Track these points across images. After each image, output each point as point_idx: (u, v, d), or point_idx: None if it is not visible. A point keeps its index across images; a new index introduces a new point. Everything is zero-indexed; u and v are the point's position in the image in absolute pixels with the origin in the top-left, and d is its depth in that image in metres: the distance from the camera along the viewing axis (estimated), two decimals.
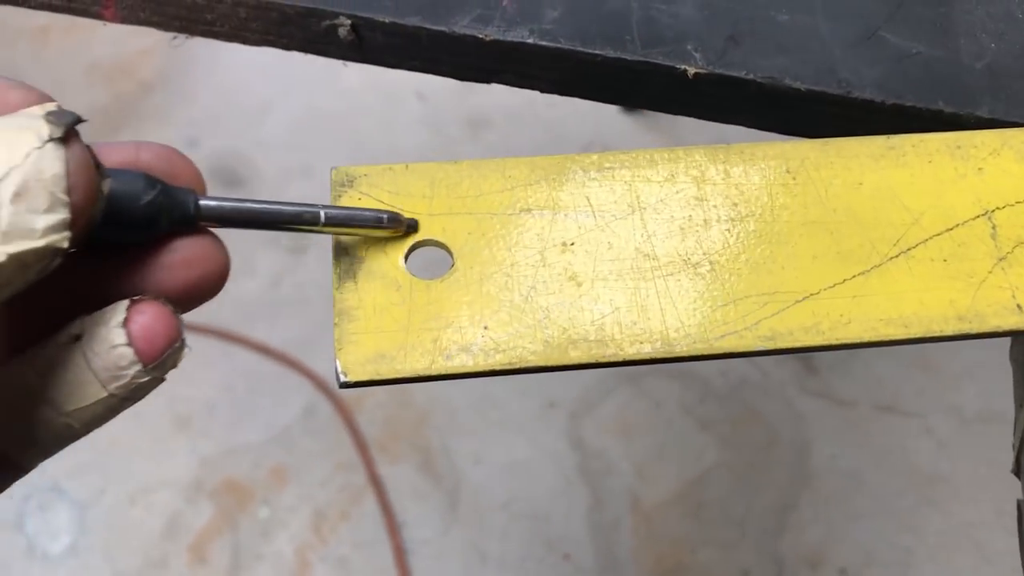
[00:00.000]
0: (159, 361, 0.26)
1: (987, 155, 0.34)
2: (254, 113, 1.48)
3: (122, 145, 0.28)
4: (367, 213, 0.30)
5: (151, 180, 0.26)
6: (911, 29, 0.37)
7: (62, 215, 0.22)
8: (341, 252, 0.31)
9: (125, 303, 0.26)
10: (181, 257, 0.27)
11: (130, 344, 0.25)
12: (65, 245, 0.23)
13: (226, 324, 1.30)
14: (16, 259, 0.22)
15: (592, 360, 0.29)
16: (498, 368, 0.29)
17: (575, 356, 0.29)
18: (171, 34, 0.37)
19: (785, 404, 1.26)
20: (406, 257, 0.31)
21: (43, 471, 1.01)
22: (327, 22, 0.36)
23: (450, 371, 0.29)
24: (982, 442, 1.26)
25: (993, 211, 0.33)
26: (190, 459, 1.23)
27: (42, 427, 0.26)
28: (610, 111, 1.40)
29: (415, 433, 1.25)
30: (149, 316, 0.26)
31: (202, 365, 1.28)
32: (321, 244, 1.36)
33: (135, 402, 0.26)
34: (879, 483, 1.23)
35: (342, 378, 0.28)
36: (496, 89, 0.38)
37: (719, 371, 1.26)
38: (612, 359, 0.29)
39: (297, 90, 1.49)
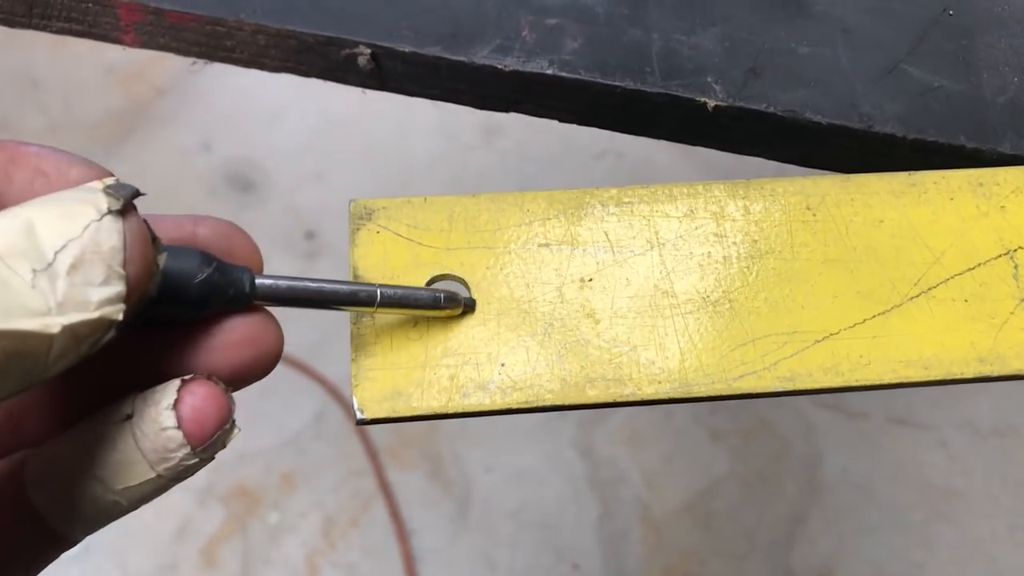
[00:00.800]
0: (208, 443, 0.26)
1: (1010, 192, 0.34)
2: (268, 118, 1.48)
3: (179, 218, 0.28)
4: (423, 293, 0.30)
5: (207, 257, 0.26)
6: (933, 62, 0.37)
7: (117, 288, 0.22)
8: None
9: (176, 384, 0.25)
10: (235, 337, 0.27)
11: (179, 427, 0.25)
12: (120, 318, 0.22)
13: None
14: (70, 331, 0.21)
15: (610, 400, 0.29)
16: (515, 407, 0.29)
17: (592, 395, 0.29)
18: (191, 59, 0.37)
19: (797, 415, 1.26)
20: None
21: None
22: (347, 51, 0.36)
23: (467, 409, 0.29)
24: (996, 457, 1.25)
25: (1016, 250, 0.33)
26: None
27: (89, 502, 0.25)
28: None
29: (425, 440, 1.25)
30: (200, 398, 0.25)
31: None
32: (334, 250, 1.37)
33: (183, 480, 0.26)
34: (891, 496, 1.23)
35: (359, 415, 0.28)
36: None
37: None
38: (630, 399, 0.29)
39: (311, 96, 1.49)
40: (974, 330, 0.31)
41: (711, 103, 0.35)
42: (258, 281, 0.27)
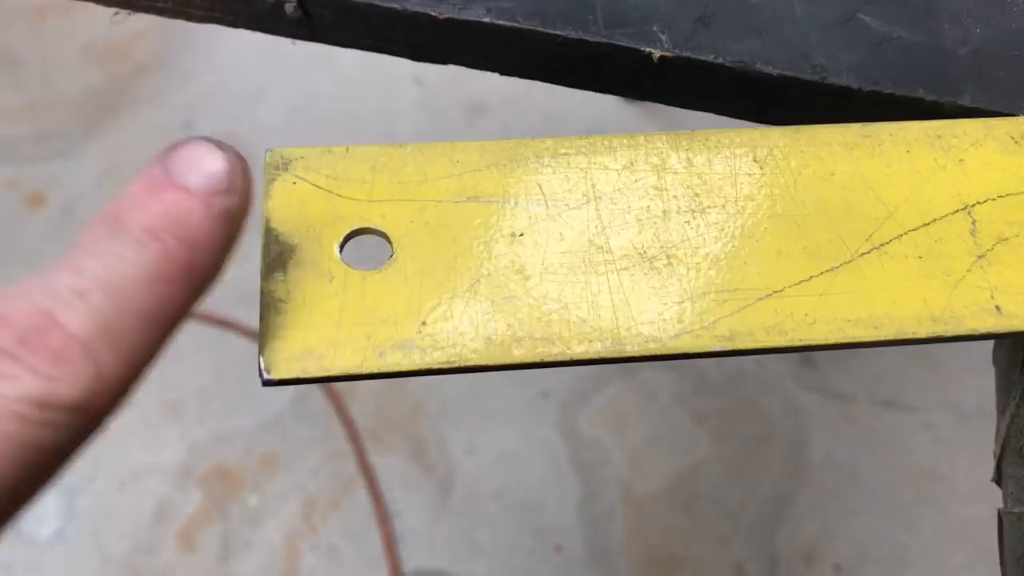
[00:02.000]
0: None
1: (969, 146, 0.32)
2: (250, 96, 1.46)
3: None
4: None
5: None
6: (892, 12, 0.35)
7: None
8: (271, 239, 0.29)
9: None
10: None
11: None
12: None
13: (218, 309, 1.29)
14: None
15: (537, 359, 0.28)
16: (435, 367, 0.27)
17: (519, 355, 0.28)
18: (112, 9, 0.35)
19: (782, 397, 1.25)
20: (341, 246, 0.29)
21: None
22: None
23: (383, 369, 0.27)
24: (982, 439, 1.24)
25: (974, 205, 0.31)
26: (180, 445, 1.22)
27: None
28: (610, 99, 1.38)
29: (407, 422, 1.23)
30: None
31: (194, 351, 1.27)
32: None
33: None
34: (876, 479, 1.22)
35: (265, 375, 0.27)
36: (493, 75, 0.36)
37: (715, 362, 1.24)
38: (558, 358, 0.28)
39: (293, 73, 1.47)
40: (928, 288, 0.30)
41: (657, 53, 0.34)
42: None
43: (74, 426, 0.22)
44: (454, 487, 1.19)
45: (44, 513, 1.16)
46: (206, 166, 0.24)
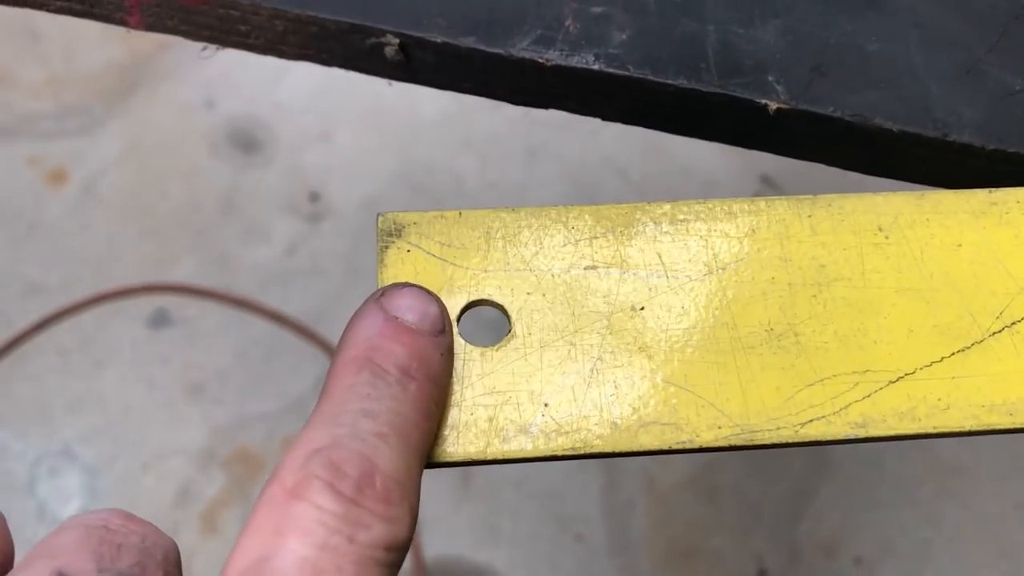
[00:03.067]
0: None
1: None
2: (272, 75, 1.44)
3: None
4: None
5: None
6: (1016, 61, 0.34)
7: None
8: None
9: None
10: None
11: None
12: None
13: (240, 290, 1.28)
14: None
15: (665, 447, 0.26)
16: (560, 453, 0.26)
17: (646, 442, 0.26)
18: (201, 44, 0.34)
19: None
20: (458, 319, 0.28)
21: (54, 435, 0.99)
22: (372, 40, 0.32)
23: (507, 456, 0.26)
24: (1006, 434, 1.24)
25: None
26: (203, 427, 1.21)
27: None
28: None
29: None
30: None
31: (216, 332, 1.26)
32: (339, 212, 1.33)
33: None
34: (899, 472, 1.21)
35: None
36: None
37: None
38: (687, 446, 0.26)
39: None
40: None
41: (773, 105, 0.32)
42: None
43: (400, 564, 0.23)
44: (475, 474, 1.19)
45: (67, 494, 1.16)
46: (427, 309, 0.26)
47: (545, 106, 0.34)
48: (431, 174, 1.39)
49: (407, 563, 1.13)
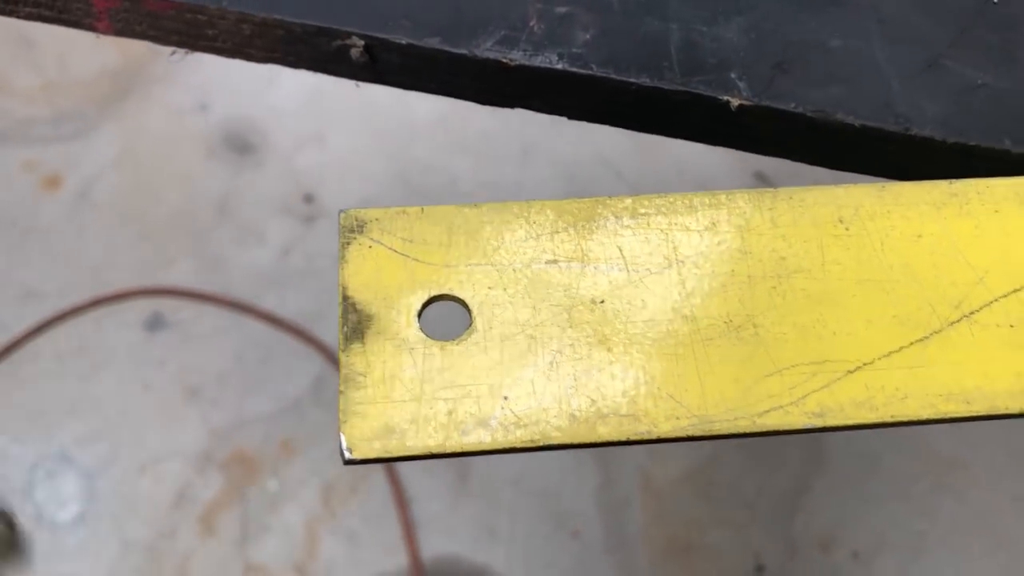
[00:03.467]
0: None
1: None
2: (265, 79, 1.44)
3: None
4: None
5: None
6: (976, 56, 0.34)
7: None
8: (349, 307, 0.28)
9: None
10: None
11: None
12: None
13: (236, 293, 1.28)
14: None
15: (623, 437, 0.27)
16: (519, 446, 0.26)
17: (604, 433, 0.27)
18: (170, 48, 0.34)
19: None
20: (419, 314, 0.28)
21: (51, 439, 0.99)
22: (338, 42, 0.32)
23: (466, 448, 0.26)
24: (1001, 427, 1.24)
25: None
26: (200, 430, 1.22)
27: None
28: None
29: None
30: None
31: (213, 335, 1.27)
32: (333, 213, 1.34)
33: None
34: (894, 466, 1.22)
35: (347, 455, 0.26)
36: None
37: None
38: (644, 437, 0.27)
39: None
40: (1020, 360, 0.29)
41: (735, 102, 0.32)
42: None
43: None
44: (472, 472, 1.19)
45: (65, 497, 1.17)
46: None
47: (511, 106, 0.34)
48: (425, 174, 1.40)
49: (404, 561, 1.13)
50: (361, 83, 0.33)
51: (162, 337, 1.25)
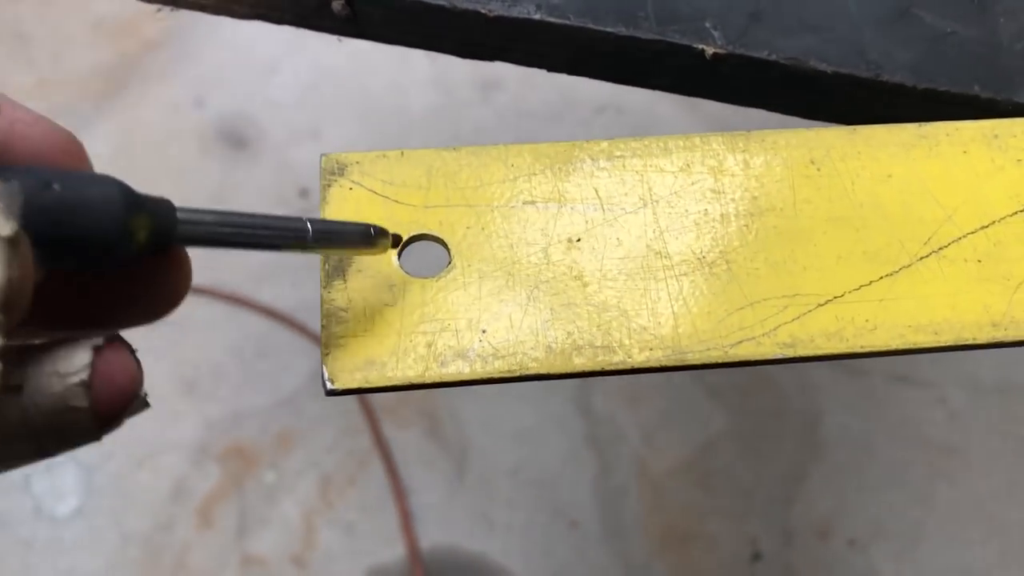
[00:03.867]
0: (115, 422, 0.21)
1: None
2: (261, 72, 1.45)
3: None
4: (352, 227, 0.26)
5: (126, 192, 0.21)
6: (947, 6, 0.35)
7: None
8: None
9: (86, 352, 0.20)
10: (149, 287, 0.22)
11: (89, 406, 0.20)
12: None
13: (233, 287, 1.29)
14: None
15: (598, 368, 0.27)
16: (496, 376, 0.27)
17: (579, 363, 0.27)
18: (155, 6, 0.35)
19: (796, 372, 1.24)
20: (399, 253, 0.29)
21: None
22: None
23: (445, 379, 0.27)
24: (997, 414, 1.24)
25: None
26: (197, 423, 1.22)
27: None
28: None
29: (422, 398, 1.24)
30: (115, 370, 0.20)
31: (209, 328, 1.27)
32: None
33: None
34: (891, 454, 1.22)
35: (328, 385, 0.27)
36: None
37: None
38: (620, 367, 0.27)
39: (304, 49, 1.46)
40: (988, 292, 0.29)
41: (709, 50, 0.33)
42: (181, 220, 0.22)
43: None
44: (469, 463, 1.20)
45: (63, 491, 1.17)
46: None
47: (492, 58, 0.35)
48: None
49: (402, 551, 1.14)
50: (344, 38, 0.34)
51: (159, 330, 1.25)
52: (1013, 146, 0.32)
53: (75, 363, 0.20)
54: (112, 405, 0.20)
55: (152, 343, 1.14)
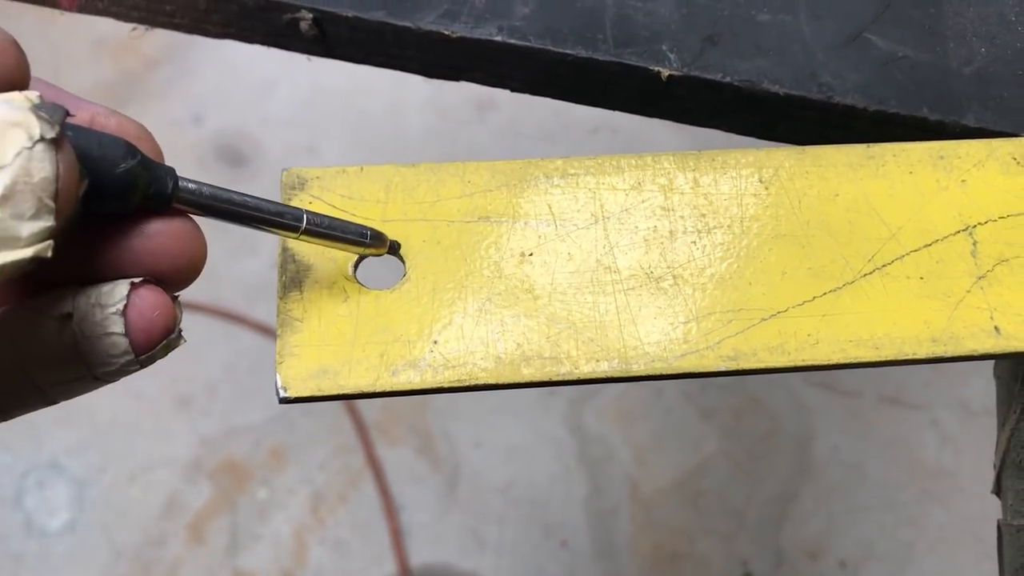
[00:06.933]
0: (154, 352, 0.25)
1: (971, 166, 0.33)
2: (259, 90, 1.47)
3: (93, 107, 0.27)
4: (351, 226, 0.28)
5: (131, 148, 0.24)
6: (898, 31, 0.36)
7: (47, 222, 0.21)
8: (288, 259, 0.30)
9: (124, 286, 0.24)
10: (157, 242, 0.25)
11: (126, 334, 0.24)
12: (48, 255, 0.21)
13: (228, 303, 1.30)
14: None
15: (545, 378, 0.28)
16: (447, 385, 0.28)
17: (528, 374, 0.28)
18: (130, 25, 0.36)
19: (788, 393, 1.25)
20: (356, 265, 0.30)
21: (42, 447, 1.00)
22: (288, 16, 0.34)
23: (396, 388, 0.28)
24: (988, 436, 1.24)
25: (975, 226, 0.32)
26: (190, 438, 1.23)
27: (11, 396, 0.25)
28: None
29: (415, 416, 1.24)
30: (149, 304, 0.24)
31: (203, 344, 1.28)
32: None
33: (114, 382, 0.26)
34: (881, 476, 1.22)
35: (281, 393, 0.27)
36: None
37: None
38: (566, 377, 0.28)
39: (303, 68, 1.48)
40: (928, 309, 0.30)
41: (665, 72, 0.34)
42: (181, 183, 0.25)
43: None
44: (461, 481, 1.20)
45: (55, 505, 1.17)
46: None
47: (456, 78, 0.36)
48: None
49: (393, 569, 1.14)
50: (313, 57, 0.35)
51: None
52: (958, 167, 0.33)
53: (114, 296, 0.24)
54: (146, 334, 0.24)
55: None
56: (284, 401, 0.27)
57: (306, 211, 0.27)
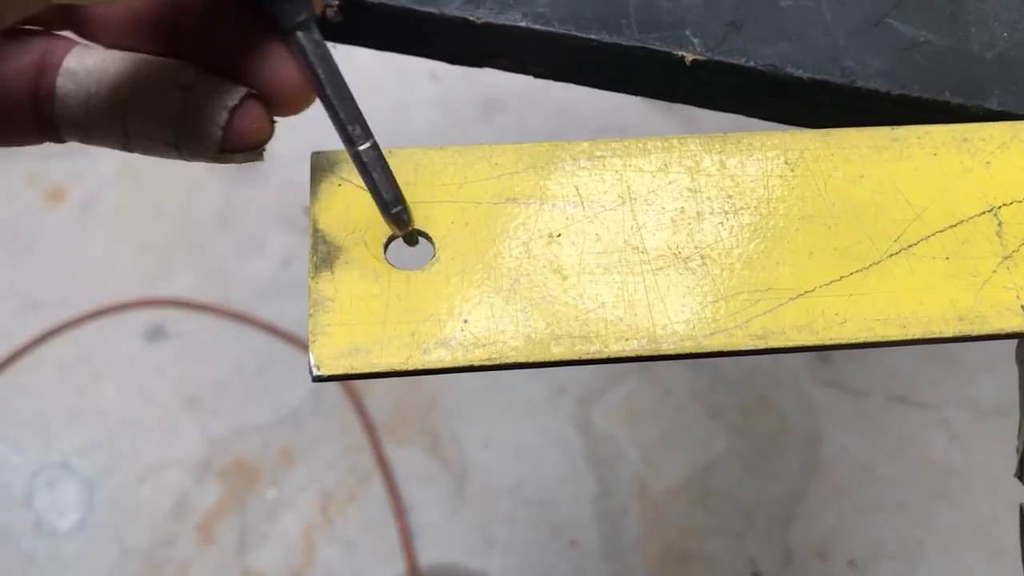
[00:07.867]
0: (234, 151, 0.27)
1: (995, 148, 0.33)
2: None
3: None
4: (395, 187, 0.29)
5: None
6: (920, 16, 0.36)
7: None
8: (319, 239, 0.30)
9: (241, 92, 0.27)
10: (274, 64, 0.27)
11: (224, 128, 0.27)
12: None
13: (236, 304, 1.30)
14: None
15: (575, 357, 0.28)
16: (477, 363, 0.28)
17: (557, 352, 0.28)
18: None
19: (797, 393, 1.25)
20: (386, 247, 0.30)
21: (52, 448, 1.00)
22: None
23: (427, 366, 0.28)
24: (997, 435, 1.24)
25: (1000, 207, 0.32)
26: (199, 439, 1.23)
27: (104, 133, 0.27)
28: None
29: (423, 417, 1.24)
30: (254, 116, 0.27)
31: (212, 345, 1.28)
32: None
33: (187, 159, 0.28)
34: (891, 475, 1.22)
35: (315, 371, 0.28)
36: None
37: (731, 359, 1.25)
38: (596, 356, 0.28)
39: None
40: (955, 288, 0.30)
41: (689, 57, 0.34)
42: (312, 25, 0.27)
43: None
44: (470, 481, 1.20)
45: (64, 505, 1.18)
46: None
47: (480, 65, 0.36)
48: None
49: (402, 569, 1.14)
50: (339, 44, 0.35)
51: (162, 347, 1.27)
52: (982, 149, 0.33)
53: (234, 95, 0.27)
54: (238, 134, 0.27)
55: (156, 360, 1.16)
56: (317, 379, 0.28)
57: (375, 141, 0.28)
